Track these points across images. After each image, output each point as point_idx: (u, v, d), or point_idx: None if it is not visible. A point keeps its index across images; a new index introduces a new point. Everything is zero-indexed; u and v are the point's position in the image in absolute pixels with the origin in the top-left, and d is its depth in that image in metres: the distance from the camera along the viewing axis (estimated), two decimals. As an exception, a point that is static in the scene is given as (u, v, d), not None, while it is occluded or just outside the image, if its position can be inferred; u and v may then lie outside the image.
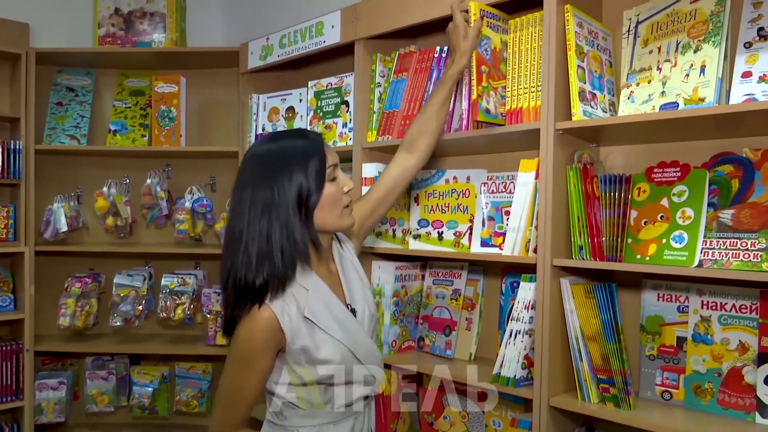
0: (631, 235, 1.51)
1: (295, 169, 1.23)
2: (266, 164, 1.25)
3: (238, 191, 1.27)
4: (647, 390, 1.54)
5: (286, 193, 1.22)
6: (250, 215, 1.22)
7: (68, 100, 2.75)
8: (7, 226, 2.57)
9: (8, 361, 2.48)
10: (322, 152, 1.27)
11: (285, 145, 1.28)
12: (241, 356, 1.26)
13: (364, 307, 1.39)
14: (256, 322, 1.22)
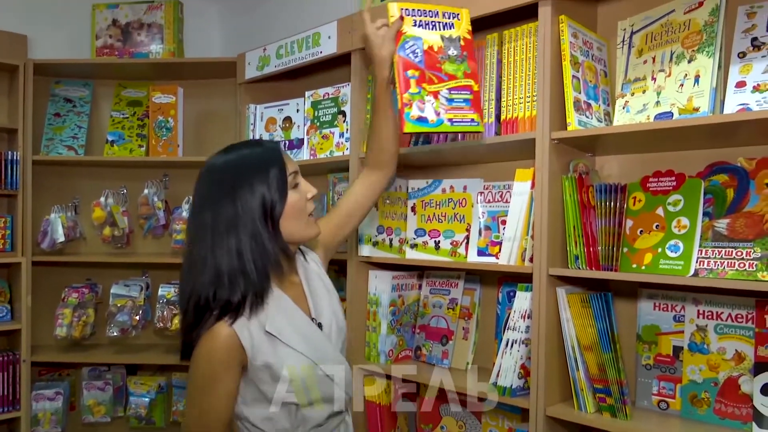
0: (626, 244, 1.51)
1: (255, 180, 1.19)
2: (225, 179, 1.21)
3: (198, 213, 1.22)
4: (644, 399, 1.53)
5: (251, 206, 1.18)
6: (214, 237, 1.18)
7: (66, 110, 2.76)
8: (4, 236, 2.57)
9: (5, 372, 2.47)
10: (281, 160, 1.23)
11: (242, 155, 1.24)
12: (203, 379, 1.18)
13: (331, 320, 1.35)
14: (214, 341, 1.16)
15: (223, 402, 1.19)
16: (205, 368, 1.17)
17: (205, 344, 1.17)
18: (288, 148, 2.33)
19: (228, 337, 1.16)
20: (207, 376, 1.17)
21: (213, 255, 1.17)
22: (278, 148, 1.26)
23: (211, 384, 1.17)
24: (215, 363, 1.17)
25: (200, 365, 1.18)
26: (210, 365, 1.17)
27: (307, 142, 2.24)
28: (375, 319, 1.96)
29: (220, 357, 1.16)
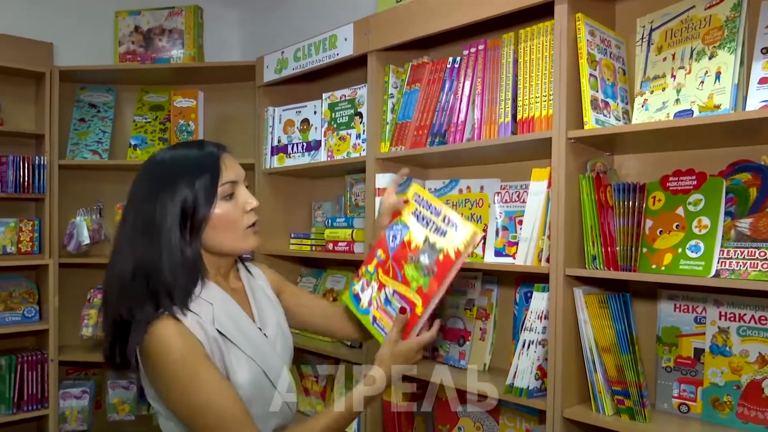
0: (646, 244, 1.48)
1: (181, 184, 1.12)
2: (153, 178, 1.16)
3: (125, 209, 1.18)
4: (664, 402, 1.51)
5: (169, 210, 1.11)
6: (134, 234, 1.12)
7: (90, 116, 2.82)
8: (32, 239, 2.63)
9: (34, 371, 2.53)
10: (216, 167, 1.16)
11: (178, 156, 1.18)
12: (181, 379, 1.06)
13: (276, 331, 1.28)
14: (169, 345, 1.05)
15: (221, 384, 1.09)
16: (178, 370, 1.06)
17: (159, 352, 1.05)
18: (306, 150, 2.35)
19: (179, 332, 1.07)
20: (185, 376, 1.06)
21: (128, 259, 1.10)
22: (217, 154, 1.18)
23: (194, 380, 1.06)
24: (184, 359, 1.06)
25: (170, 371, 1.06)
26: (181, 364, 1.06)
27: (325, 144, 2.25)
28: (392, 320, 1.96)
29: (185, 354, 1.06)
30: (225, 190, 1.16)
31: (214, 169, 1.15)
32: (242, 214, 1.19)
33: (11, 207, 2.68)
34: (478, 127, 1.73)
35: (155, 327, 1.07)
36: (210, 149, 1.19)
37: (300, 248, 2.42)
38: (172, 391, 1.08)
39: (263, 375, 1.18)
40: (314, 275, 2.57)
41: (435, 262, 1.20)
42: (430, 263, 1.21)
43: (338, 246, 2.20)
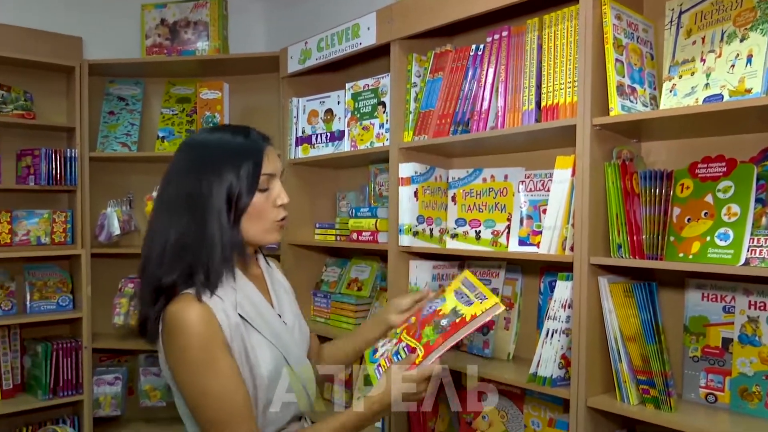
0: (673, 232, 1.46)
1: (226, 167, 1.14)
2: (197, 157, 1.17)
3: (164, 185, 1.18)
4: (691, 392, 1.49)
5: (215, 191, 1.12)
6: (172, 211, 1.13)
7: (119, 109, 2.87)
8: (65, 230, 2.70)
9: (68, 358, 2.60)
10: (260, 157, 1.18)
11: (223, 140, 1.19)
12: (197, 364, 1.07)
13: (294, 321, 1.31)
14: (190, 325, 1.07)
15: (234, 379, 1.10)
16: (196, 355, 1.07)
17: (180, 330, 1.07)
18: (329, 140, 2.36)
19: (202, 315, 1.08)
20: (202, 362, 1.07)
21: (167, 228, 1.12)
22: (261, 145, 1.20)
23: (210, 368, 1.08)
24: (203, 345, 1.07)
25: (188, 354, 1.07)
26: (200, 350, 1.07)
27: (348, 134, 2.25)
28: (416, 309, 1.96)
29: (205, 339, 1.07)
30: (262, 182, 1.18)
31: (258, 159, 1.17)
32: (273, 207, 1.21)
33: (45, 199, 2.75)
34: (501, 115, 1.71)
35: (180, 304, 1.09)
36: (256, 139, 1.21)
37: (325, 238, 2.43)
38: (185, 373, 1.09)
39: (284, 360, 1.20)
40: (339, 265, 2.59)
41: (451, 324, 1.26)
42: (446, 324, 1.27)
43: (362, 236, 2.21)
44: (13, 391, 2.57)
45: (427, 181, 1.98)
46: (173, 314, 1.08)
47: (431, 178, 2.00)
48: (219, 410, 1.09)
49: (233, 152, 1.16)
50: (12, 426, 2.59)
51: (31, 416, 2.63)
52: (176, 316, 1.08)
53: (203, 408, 1.10)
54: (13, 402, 2.51)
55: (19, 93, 2.61)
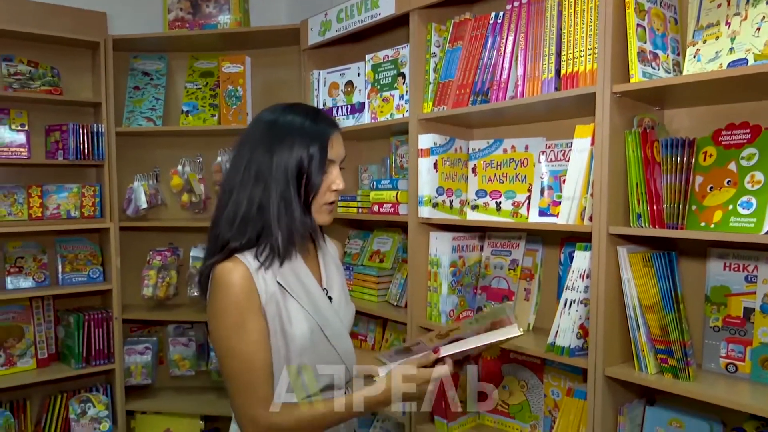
0: (695, 201, 1.44)
1: (296, 146, 1.20)
2: (270, 132, 1.22)
3: (236, 152, 1.25)
4: (711, 362, 1.48)
5: (286, 166, 1.19)
6: (243, 179, 1.20)
7: (144, 84, 2.90)
8: (94, 204, 2.76)
9: (100, 328, 2.69)
10: (326, 142, 1.22)
11: (295, 121, 1.23)
12: (230, 325, 1.16)
13: (341, 295, 1.36)
14: (229, 284, 1.15)
15: (261, 345, 1.17)
16: (230, 316, 1.16)
17: (221, 288, 1.16)
18: (350, 113, 2.36)
19: (243, 278, 1.16)
20: (234, 323, 1.16)
21: (238, 195, 1.20)
22: (330, 132, 1.25)
23: (240, 330, 1.16)
24: (239, 308, 1.16)
25: (224, 313, 1.16)
26: (234, 311, 1.16)
27: (368, 106, 2.25)
28: (436, 280, 1.98)
29: (241, 301, 1.15)
30: (326, 166, 1.23)
31: (325, 143, 1.22)
32: (327, 190, 1.25)
33: (74, 173, 2.82)
34: (521, 84, 1.69)
35: (229, 265, 1.16)
36: (324, 123, 1.25)
37: (347, 211, 2.45)
38: (217, 330, 1.18)
39: (319, 331, 1.25)
40: (361, 237, 2.61)
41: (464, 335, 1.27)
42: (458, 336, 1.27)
43: (383, 208, 2.22)
44: (48, 360, 2.67)
45: (446, 153, 1.97)
46: (218, 273, 1.17)
47: (451, 149, 1.99)
48: (241, 371, 1.17)
49: (303, 134, 1.21)
50: (48, 393, 2.70)
51: (65, 384, 2.73)
52: (221, 274, 1.16)
53: (227, 366, 1.18)
54: (48, 371, 2.61)
55: (46, 69, 2.66)
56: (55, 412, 2.64)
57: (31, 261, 2.65)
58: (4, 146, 2.60)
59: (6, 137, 2.61)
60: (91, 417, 2.66)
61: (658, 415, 1.55)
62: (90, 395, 2.68)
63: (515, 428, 1.96)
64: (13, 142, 2.62)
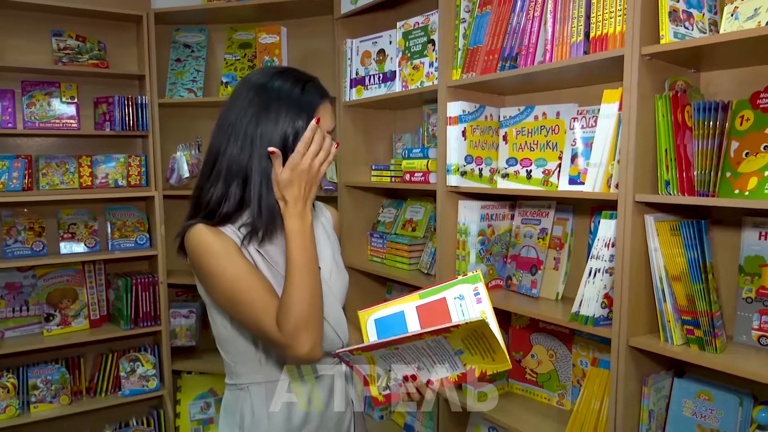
0: (729, 168, 1.38)
1: (281, 117, 1.16)
2: (259, 100, 1.17)
3: (223, 114, 1.20)
4: (742, 334, 1.43)
5: (270, 138, 1.15)
6: (229, 143, 1.16)
7: (185, 56, 2.97)
8: (140, 173, 2.87)
9: (146, 292, 2.81)
10: (312, 113, 1.18)
11: (283, 88, 1.18)
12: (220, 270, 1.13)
13: (330, 266, 1.32)
14: (210, 242, 1.14)
15: (255, 275, 1.14)
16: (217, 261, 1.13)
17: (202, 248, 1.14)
18: (382, 81, 2.35)
19: (216, 233, 1.15)
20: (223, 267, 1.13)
21: (221, 161, 1.17)
22: (316, 103, 1.20)
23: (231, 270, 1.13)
24: (221, 253, 1.13)
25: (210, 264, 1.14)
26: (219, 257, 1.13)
27: (399, 74, 2.24)
28: (464, 249, 1.97)
29: (220, 248, 1.14)
30: None
31: (311, 115, 1.18)
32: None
33: (121, 144, 2.93)
34: (549, 49, 1.65)
35: (201, 229, 1.15)
36: (313, 92, 1.21)
37: (380, 179, 2.46)
38: (218, 285, 1.14)
39: None
40: (395, 206, 2.62)
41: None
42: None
43: (414, 176, 2.22)
44: (99, 321, 2.82)
45: (476, 120, 1.95)
46: (193, 236, 1.15)
47: (481, 117, 1.96)
48: (252, 301, 1.13)
49: (290, 104, 1.17)
50: (100, 352, 2.86)
51: (115, 344, 2.89)
52: (195, 236, 1.15)
53: (243, 306, 1.13)
54: (100, 331, 2.76)
55: (93, 43, 2.76)
56: (107, 369, 2.80)
57: (82, 227, 2.79)
58: (56, 118, 2.72)
59: (57, 109, 2.73)
60: (140, 375, 2.81)
61: (686, 387, 1.52)
62: (138, 355, 2.82)
63: (543, 396, 1.96)
64: (64, 114, 2.74)
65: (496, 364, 1.07)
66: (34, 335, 2.67)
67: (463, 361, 1.08)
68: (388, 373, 1.13)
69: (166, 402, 2.87)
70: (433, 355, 1.08)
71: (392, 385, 1.14)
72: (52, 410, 2.61)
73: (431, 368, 1.11)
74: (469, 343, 1.05)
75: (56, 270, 2.72)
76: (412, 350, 1.08)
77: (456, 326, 1.00)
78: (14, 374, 2.57)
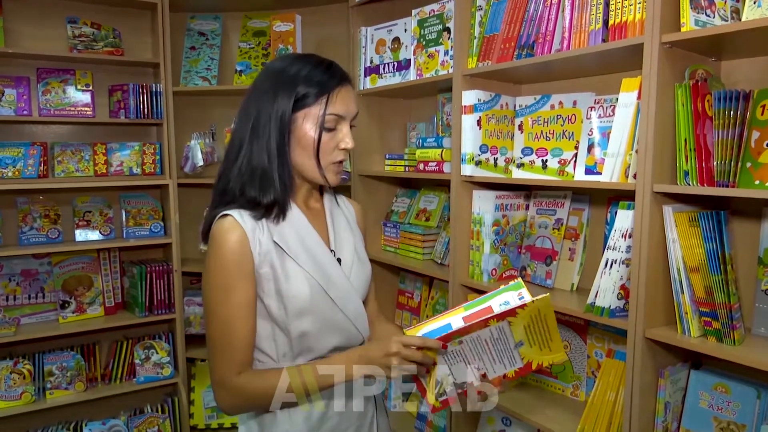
0: (749, 158, 1.35)
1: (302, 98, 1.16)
2: (277, 82, 1.18)
3: (246, 99, 1.22)
4: (761, 327, 1.41)
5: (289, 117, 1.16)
6: (253, 128, 1.18)
7: (200, 44, 2.97)
8: (155, 161, 2.88)
9: (161, 280, 2.83)
10: (329, 95, 1.17)
11: (301, 72, 1.18)
12: (217, 290, 1.14)
13: (352, 256, 1.31)
14: (224, 246, 1.13)
15: (243, 310, 1.15)
16: (218, 278, 1.14)
17: (216, 247, 1.14)
18: (396, 69, 2.33)
19: (239, 242, 1.13)
20: (221, 286, 1.14)
21: (247, 148, 1.18)
22: (336, 83, 1.19)
23: (225, 294, 1.14)
24: (228, 270, 1.13)
25: (213, 274, 1.14)
26: (222, 273, 1.13)
27: (414, 62, 2.22)
28: (478, 239, 1.96)
29: (230, 265, 1.13)
30: (329, 121, 1.18)
31: (328, 95, 1.17)
32: (333, 149, 1.21)
33: (135, 132, 2.94)
34: (567, 37, 1.63)
35: (226, 224, 1.14)
36: (333, 75, 1.19)
37: (394, 169, 2.45)
38: (206, 286, 1.17)
39: (323, 293, 1.20)
40: (408, 195, 2.62)
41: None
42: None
43: (428, 166, 2.21)
44: (114, 308, 2.84)
45: (491, 109, 1.93)
46: (217, 230, 1.15)
47: (496, 105, 1.95)
48: (220, 333, 1.15)
49: (309, 84, 1.16)
50: (115, 339, 2.88)
51: (130, 331, 2.92)
52: (219, 232, 1.15)
53: (208, 326, 1.17)
54: (114, 318, 2.78)
55: (108, 30, 2.76)
56: (122, 356, 2.83)
57: (97, 215, 2.81)
58: (71, 105, 2.73)
59: (72, 97, 2.74)
60: (155, 362, 2.83)
61: (703, 380, 1.51)
62: (153, 342, 2.85)
63: (557, 388, 1.96)
64: (79, 102, 2.75)
65: (552, 354, 1.12)
66: (50, 322, 2.69)
67: (522, 354, 1.12)
68: (447, 378, 1.14)
69: (181, 389, 2.89)
70: (493, 350, 1.11)
71: (449, 390, 1.15)
72: (68, 396, 2.64)
73: (491, 367, 1.14)
74: (530, 329, 1.09)
75: (71, 257, 2.75)
76: (475, 344, 1.11)
77: (522, 306, 1.05)
78: (30, 361, 2.60)
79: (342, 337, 1.25)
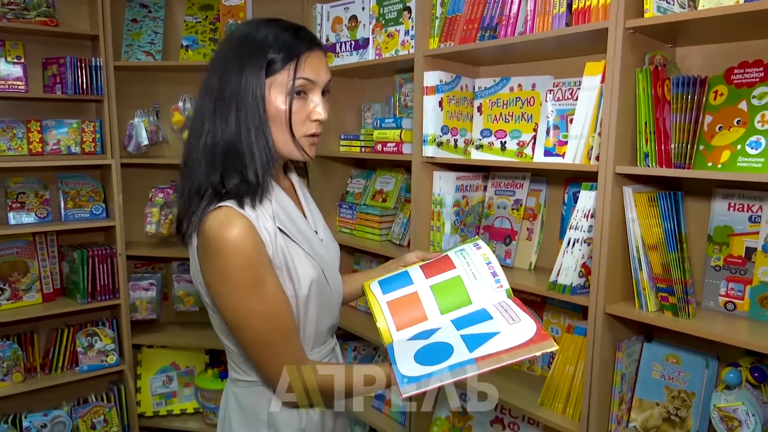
0: (703, 141, 1.43)
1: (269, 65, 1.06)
2: (240, 49, 1.07)
3: (208, 75, 1.10)
4: (710, 300, 1.50)
5: (254, 86, 1.04)
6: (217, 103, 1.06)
7: (142, 16, 2.82)
8: (95, 140, 2.73)
9: (104, 264, 2.71)
10: (297, 58, 1.07)
11: (268, 36, 1.07)
12: (243, 286, 1.02)
13: (326, 234, 1.28)
14: (236, 243, 1.00)
15: (282, 297, 1.08)
16: (242, 277, 1.02)
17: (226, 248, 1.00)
18: (354, 49, 2.31)
19: (249, 234, 1.02)
20: (248, 284, 1.03)
21: (212, 124, 1.06)
22: (305, 48, 1.08)
23: (257, 290, 1.03)
24: (250, 268, 1.02)
25: (232, 275, 1.02)
26: (246, 272, 1.02)
27: (373, 42, 2.20)
28: (439, 219, 1.98)
29: (253, 258, 1.02)
30: (301, 86, 1.08)
31: (297, 60, 1.07)
32: (305, 120, 1.11)
33: (73, 108, 2.78)
34: (530, 19, 1.65)
35: (221, 219, 1.02)
36: (302, 40, 1.09)
37: (349, 150, 2.43)
38: (230, 294, 1.04)
39: (322, 274, 1.17)
40: (364, 176, 2.60)
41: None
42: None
43: (387, 147, 2.20)
44: (53, 294, 2.70)
45: (452, 91, 1.94)
46: (214, 231, 1.01)
47: (457, 87, 1.96)
48: (269, 331, 1.06)
49: (276, 48, 1.06)
50: (54, 327, 2.74)
51: (71, 318, 2.78)
52: (218, 234, 1.01)
53: (250, 329, 1.06)
54: (54, 305, 2.64)
55: None
56: (62, 345, 2.70)
57: (32, 197, 2.65)
58: (1, 79, 2.55)
59: (2, 70, 2.55)
60: (98, 350, 2.72)
61: (655, 351, 1.59)
62: (96, 329, 2.73)
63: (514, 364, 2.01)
64: (9, 75, 2.57)
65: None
66: (-17, 310, 2.54)
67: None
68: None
69: (127, 377, 2.80)
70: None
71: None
72: (5, 388, 2.50)
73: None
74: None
75: (4, 241, 2.58)
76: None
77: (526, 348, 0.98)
78: (-37, 350, 2.44)
79: (333, 317, 1.24)
